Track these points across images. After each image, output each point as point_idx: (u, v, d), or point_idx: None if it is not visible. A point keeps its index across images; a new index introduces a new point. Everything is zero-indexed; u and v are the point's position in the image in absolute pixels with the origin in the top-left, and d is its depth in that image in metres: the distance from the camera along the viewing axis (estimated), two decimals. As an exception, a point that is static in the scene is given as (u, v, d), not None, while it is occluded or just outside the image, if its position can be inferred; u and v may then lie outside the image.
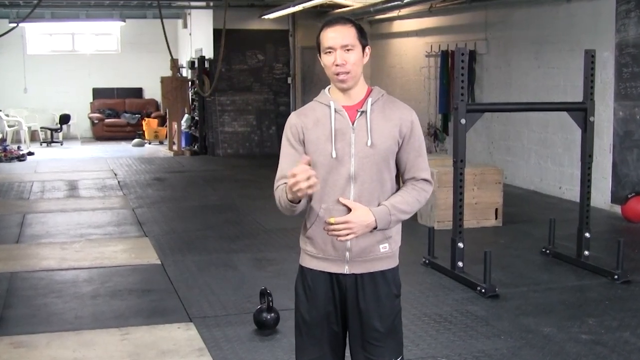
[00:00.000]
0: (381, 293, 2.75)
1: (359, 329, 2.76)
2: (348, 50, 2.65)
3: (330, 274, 2.74)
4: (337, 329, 2.79)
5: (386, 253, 2.76)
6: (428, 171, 2.80)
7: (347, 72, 2.66)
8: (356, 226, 2.63)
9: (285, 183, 2.67)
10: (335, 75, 2.68)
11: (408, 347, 4.44)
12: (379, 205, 2.69)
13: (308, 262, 2.79)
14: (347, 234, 2.64)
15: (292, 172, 2.51)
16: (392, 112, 2.73)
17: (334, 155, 2.67)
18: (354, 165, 2.67)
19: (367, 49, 2.73)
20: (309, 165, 2.54)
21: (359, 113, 2.70)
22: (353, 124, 2.69)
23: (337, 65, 2.65)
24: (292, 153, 2.74)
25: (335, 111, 2.70)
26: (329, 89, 2.78)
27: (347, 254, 2.71)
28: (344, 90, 2.72)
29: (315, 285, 2.76)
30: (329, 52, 2.67)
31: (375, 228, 2.66)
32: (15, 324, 5.04)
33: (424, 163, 2.78)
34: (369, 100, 2.72)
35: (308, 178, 2.48)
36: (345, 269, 2.73)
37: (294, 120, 2.76)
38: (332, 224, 2.64)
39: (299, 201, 2.63)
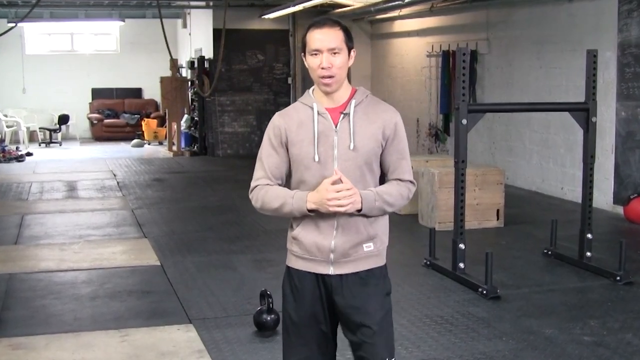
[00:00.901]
0: (369, 290, 2.74)
1: (349, 327, 2.76)
2: (335, 53, 2.65)
3: (316, 274, 2.74)
4: (326, 329, 2.79)
5: (371, 252, 2.75)
6: (411, 174, 2.81)
7: (332, 76, 2.66)
8: (354, 195, 2.61)
9: (268, 184, 2.72)
10: (320, 79, 2.68)
11: (409, 349, 4.43)
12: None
13: (294, 263, 2.79)
14: (344, 203, 2.58)
15: (336, 188, 2.56)
16: (375, 114, 2.73)
17: (316, 158, 2.68)
18: (337, 168, 2.66)
19: (353, 52, 2.73)
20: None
21: (342, 115, 2.70)
22: (336, 127, 2.69)
23: (322, 68, 2.65)
24: (273, 154, 2.76)
25: (319, 113, 2.71)
26: (312, 90, 2.78)
27: (331, 255, 2.71)
28: (327, 94, 2.71)
29: (301, 285, 2.77)
30: (315, 55, 2.67)
31: (359, 210, 2.65)
32: (14, 325, 5.01)
33: (407, 166, 2.79)
34: (353, 102, 2.72)
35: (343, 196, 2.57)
36: (330, 270, 2.73)
37: (277, 122, 2.78)
38: (334, 189, 2.59)
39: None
